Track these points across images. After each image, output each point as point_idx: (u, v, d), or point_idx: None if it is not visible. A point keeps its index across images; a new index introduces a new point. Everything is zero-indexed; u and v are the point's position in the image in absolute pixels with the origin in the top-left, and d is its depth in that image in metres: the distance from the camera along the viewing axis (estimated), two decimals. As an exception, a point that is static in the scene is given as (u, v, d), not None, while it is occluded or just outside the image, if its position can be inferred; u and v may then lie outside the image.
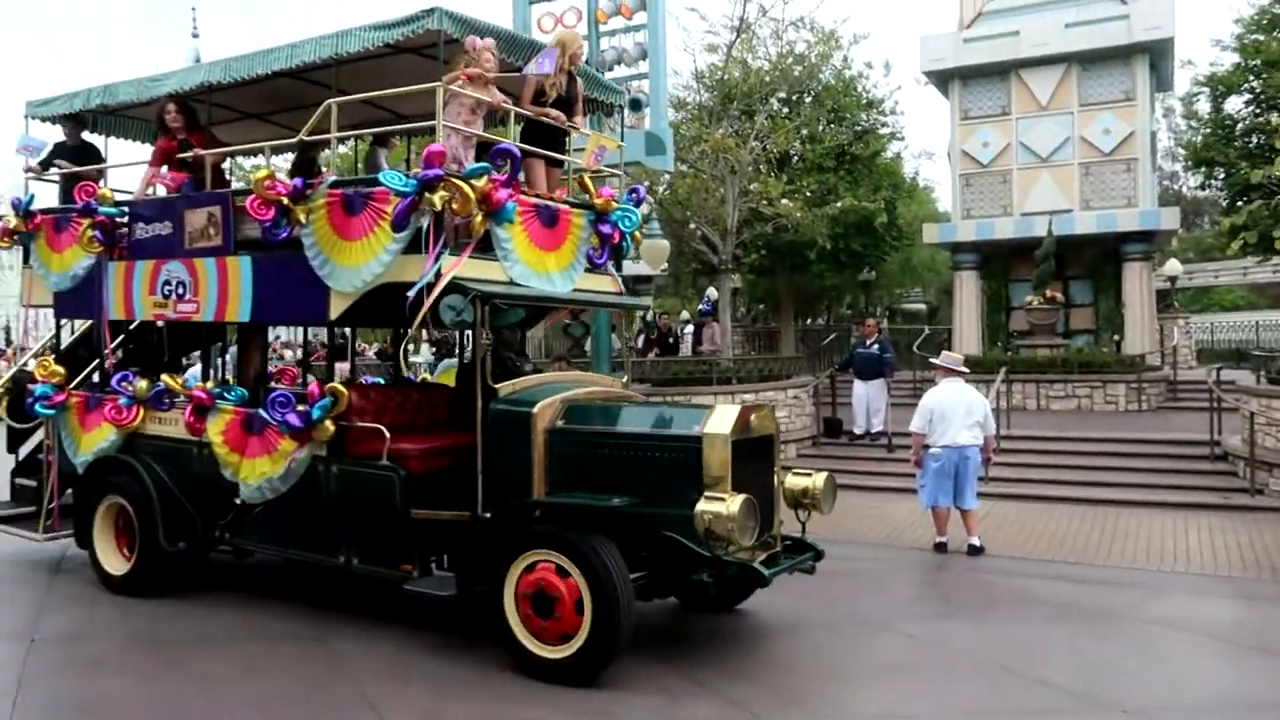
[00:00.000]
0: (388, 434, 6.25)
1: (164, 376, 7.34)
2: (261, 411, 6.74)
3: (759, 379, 15.40)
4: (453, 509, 6.28)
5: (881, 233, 26.38)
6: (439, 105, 6.08)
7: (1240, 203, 23.08)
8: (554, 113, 6.88)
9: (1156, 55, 22.46)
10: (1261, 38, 23.79)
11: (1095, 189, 23.00)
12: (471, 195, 5.87)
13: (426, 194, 5.87)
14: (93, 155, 8.68)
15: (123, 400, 7.42)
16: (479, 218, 6.03)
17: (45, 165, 8.47)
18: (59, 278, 8.00)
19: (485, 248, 6.31)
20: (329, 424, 6.38)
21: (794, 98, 25.18)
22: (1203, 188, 29.91)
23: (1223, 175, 24.42)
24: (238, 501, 6.84)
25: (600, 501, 5.65)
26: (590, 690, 5.47)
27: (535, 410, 6.07)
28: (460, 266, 6.08)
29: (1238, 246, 22.65)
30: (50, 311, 8.43)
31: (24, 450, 8.92)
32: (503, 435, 6.10)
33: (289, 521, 6.80)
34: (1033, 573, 8.48)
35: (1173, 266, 25.82)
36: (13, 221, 8.16)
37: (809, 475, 6.38)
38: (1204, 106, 26.91)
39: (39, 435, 8.74)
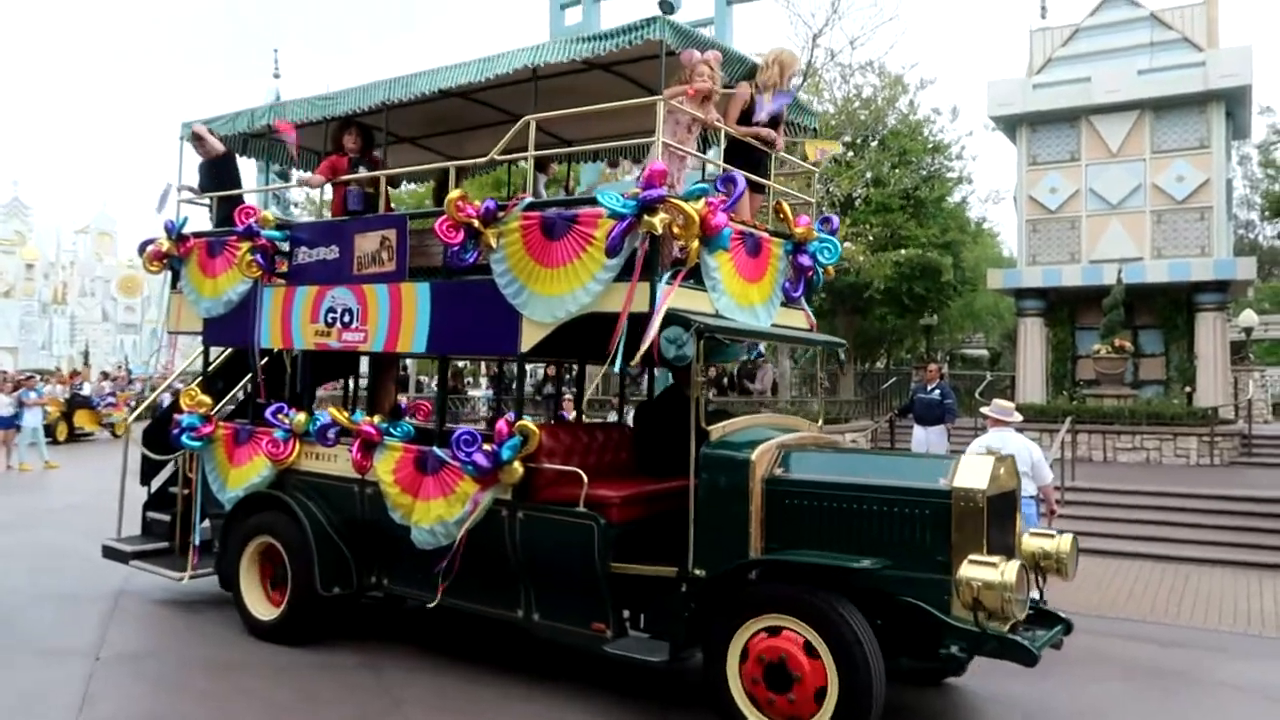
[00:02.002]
0: (585, 478, 5.46)
1: (330, 409, 6.60)
2: (437, 450, 5.99)
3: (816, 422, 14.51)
4: (652, 563, 5.48)
5: (946, 275, 25.51)
6: (659, 120, 5.33)
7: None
8: (766, 132, 6.14)
9: (1233, 103, 21.62)
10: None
11: (1167, 237, 22.09)
12: (696, 218, 5.12)
13: (646, 216, 5.12)
14: (236, 167, 8.03)
15: (279, 433, 6.69)
16: (695, 244, 5.27)
17: (204, 189, 7.81)
18: (210, 303, 7.30)
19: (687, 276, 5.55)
20: (518, 465, 5.60)
21: (859, 141, 24.49)
22: (1280, 237, 28.95)
23: (1302, 225, 23.44)
24: (417, 546, 6.04)
25: (848, 562, 4.81)
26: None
27: (754, 456, 5.27)
28: (672, 296, 5.32)
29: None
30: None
31: (156, 482, 8.20)
32: (716, 483, 5.29)
33: (460, 569, 6.00)
34: (1099, 630, 7.68)
35: (1248, 317, 24.69)
36: (165, 245, 7.48)
37: (1051, 536, 5.51)
38: (1282, 155, 25.99)
39: (172, 467, 8.04)
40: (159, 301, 53.93)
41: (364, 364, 8.75)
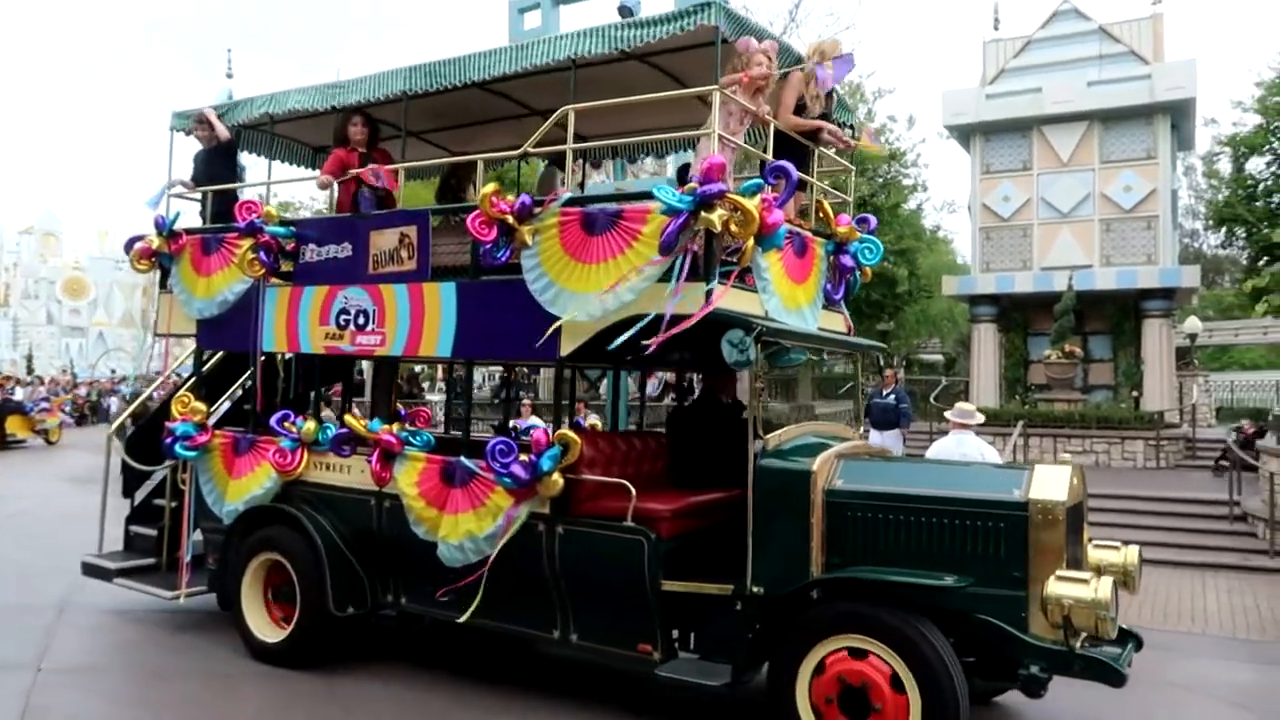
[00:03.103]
0: (633, 490, 5.00)
1: (347, 418, 6.03)
2: (465, 460, 5.47)
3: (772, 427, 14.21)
4: (698, 579, 5.03)
5: (902, 286, 25.48)
6: (714, 111, 4.90)
7: (1262, 262, 22.45)
8: (830, 127, 5.80)
9: (1178, 115, 21.91)
10: (1282, 100, 23.25)
11: (1116, 245, 22.31)
12: (755, 216, 4.69)
13: (703, 213, 4.68)
14: (238, 158, 7.41)
15: (286, 443, 6.10)
16: (750, 242, 4.85)
17: (197, 182, 7.15)
18: (204, 304, 6.66)
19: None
20: (558, 477, 5.12)
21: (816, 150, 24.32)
22: (1224, 246, 29.39)
23: (1244, 235, 23.81)
24: (445, 564, 5.50)
25: (932, 580, 4.42)
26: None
27: (814, 467, 4.86)
28: (724, 298, 4.88)
29: (1262, 310, 21.93)
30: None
31: (140, 495, 7.50)
32: (775, 495, 4.87)
33: (488, 587, 5.48)
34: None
35: (1192, 324, 25.04)
36: (154, 242, 6.80)
37: (1118, 549, 5.18)
38: (1225, 166, 26.43)
39: (157, 478, 7.37)
40: (105, 304, 51.82)
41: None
